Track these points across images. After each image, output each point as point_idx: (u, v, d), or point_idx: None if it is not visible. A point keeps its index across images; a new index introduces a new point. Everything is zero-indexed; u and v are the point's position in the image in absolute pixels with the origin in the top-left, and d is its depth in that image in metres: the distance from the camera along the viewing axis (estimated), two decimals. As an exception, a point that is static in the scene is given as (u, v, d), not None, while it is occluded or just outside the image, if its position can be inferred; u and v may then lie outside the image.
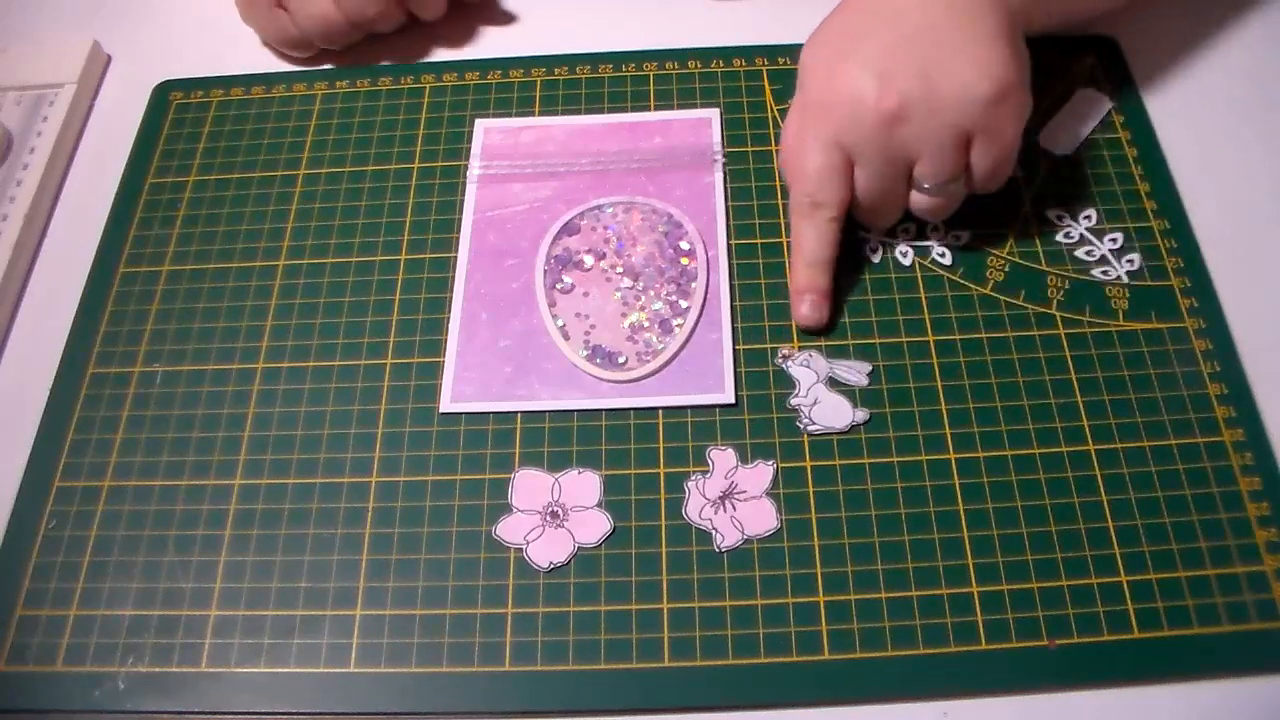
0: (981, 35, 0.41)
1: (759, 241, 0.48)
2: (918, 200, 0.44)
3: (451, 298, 0.47)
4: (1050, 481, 0.41)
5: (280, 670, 0.39)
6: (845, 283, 0.46)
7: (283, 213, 0.51)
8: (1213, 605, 0.38)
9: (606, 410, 0.44)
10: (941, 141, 0.41)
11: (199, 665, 0.39)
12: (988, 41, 0.41)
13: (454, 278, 0.48)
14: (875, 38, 0.42)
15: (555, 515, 0.42)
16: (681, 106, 0.53)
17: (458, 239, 0.49)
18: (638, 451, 0.43)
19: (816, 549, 0.40)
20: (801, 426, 0.43)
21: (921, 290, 0.46)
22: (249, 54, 0.57)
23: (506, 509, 0.42)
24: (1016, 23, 0.43)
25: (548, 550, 0.41)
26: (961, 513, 0.41)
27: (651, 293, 0.47)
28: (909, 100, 0.41)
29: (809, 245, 0.45)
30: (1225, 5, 0.55)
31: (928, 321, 0.45)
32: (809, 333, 0.45)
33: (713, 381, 0.44)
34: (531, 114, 0.53)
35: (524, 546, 0.41)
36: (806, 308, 0.45)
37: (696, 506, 0.41)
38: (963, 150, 0.42)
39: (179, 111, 0.55)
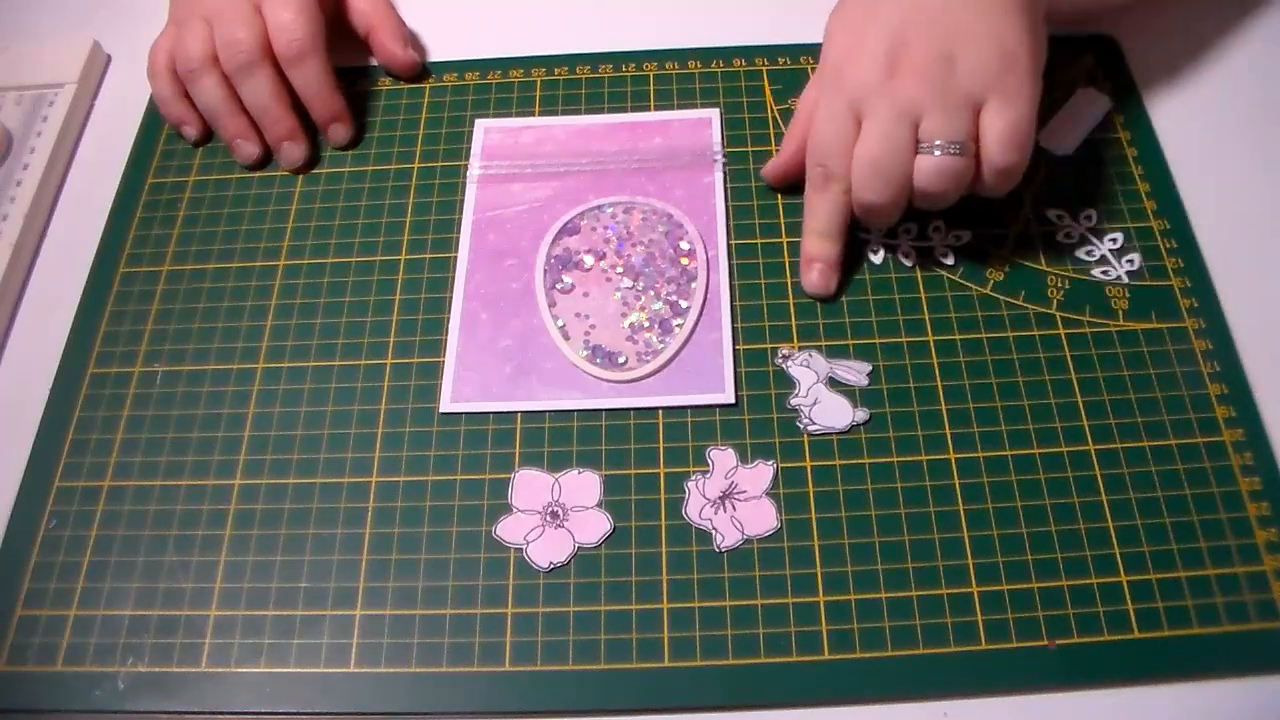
0: (1001, 8, 0.42)
1: (759, 241, 0.48)
2: (923, 169, 0.42)
3: (451, 298, 0.47)
4: (1050, 481, 0.41)
5: (280, 670, 0.39)
6: (846, 283, 0.46)
7: (283, 213, 0.50)
8: (1213, 605, 0.38)
9: (606, 410, 0.44)
10: (953, 97, 0.41)
11: (199, 665, 0.39)
12: (1007, 15, 0.42)
13: (454, 278, 0.48)
14: (894, 2, 0.43)
15: (555, 515, 0.42)
16: (681, 106, 0.53)
17: (458, 239, 0.49)
18: (638, 451, 0.43)
19: (816, 549, 0.40)
20: (801, 426, 0.43)
21: (921, 290, 0.46)
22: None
23: (506, 509, 0.42)
24: (1039, 5, 0.44)
25: (548, 550, 0.41)
26: (961, 513, 0.41)
27: (651, 293, 0.47)
28: (923, 55, 0.41)
29: (821, 216, 0.45)
30: (1225, 4, 0.55)
31: (928, 321, 0.45)
32: (818, 299, 0.46)
33: (713, 381, 0.44)
34: (531, 114, 0.53)
35: (524, 546, 0.41)
36: (815, 274, 0.46)
37: (696, 506, 0.41)
38: (973, 114, 0.42)
39: (179, 111, 0.55)
